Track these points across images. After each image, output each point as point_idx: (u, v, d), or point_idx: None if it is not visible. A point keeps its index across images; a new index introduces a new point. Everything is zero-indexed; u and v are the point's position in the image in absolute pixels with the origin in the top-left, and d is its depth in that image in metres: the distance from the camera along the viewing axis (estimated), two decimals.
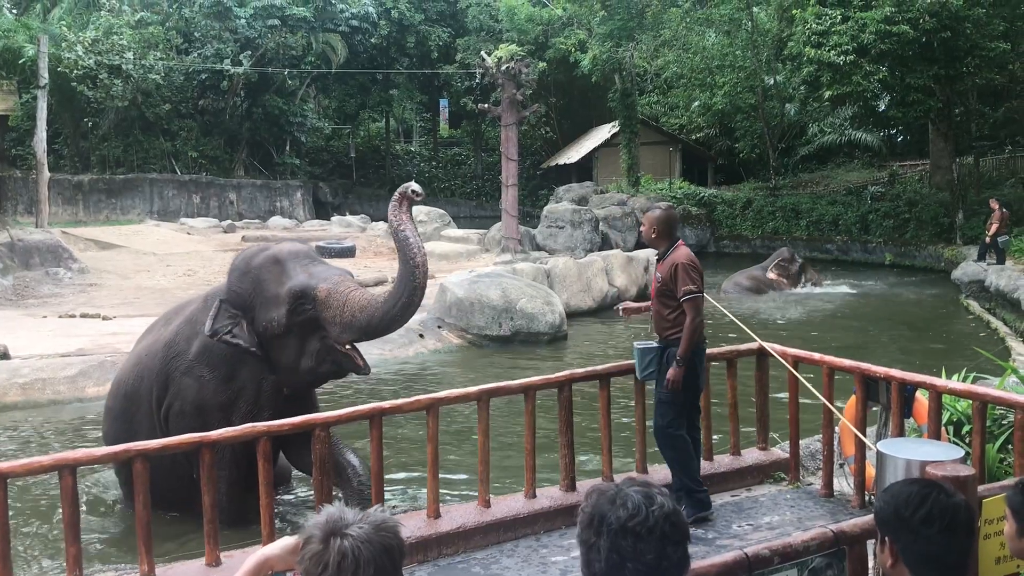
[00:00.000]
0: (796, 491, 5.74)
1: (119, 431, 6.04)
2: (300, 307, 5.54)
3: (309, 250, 6.01)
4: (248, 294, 5.65)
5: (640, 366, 5.26)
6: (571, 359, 12.21)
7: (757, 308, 16.52)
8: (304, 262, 5.77)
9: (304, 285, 5.57)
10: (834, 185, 30.37)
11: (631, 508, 1.75)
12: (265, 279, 5.66)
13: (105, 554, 5.86)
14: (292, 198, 37.75)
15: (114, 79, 31.39)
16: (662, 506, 1.77)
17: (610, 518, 1.75)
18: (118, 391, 6.29)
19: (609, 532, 1.75)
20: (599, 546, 1.76)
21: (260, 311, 5.62)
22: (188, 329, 5.86)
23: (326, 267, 5.88)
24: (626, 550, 1.73)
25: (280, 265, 5.69)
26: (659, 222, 5.27)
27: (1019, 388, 5.50)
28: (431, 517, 5.02)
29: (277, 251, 5.81)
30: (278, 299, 5.58)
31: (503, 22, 36.73)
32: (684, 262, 5.13)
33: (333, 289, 5.57)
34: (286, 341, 5.62)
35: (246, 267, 5.75)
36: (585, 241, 23.83)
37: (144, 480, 4.32)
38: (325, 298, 5.55)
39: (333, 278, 5.67)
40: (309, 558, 1.69)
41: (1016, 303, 13.59)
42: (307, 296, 5.55)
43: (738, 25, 28.41)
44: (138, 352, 6.40)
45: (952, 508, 2.12)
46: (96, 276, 19.10)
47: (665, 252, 5.25)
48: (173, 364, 5.81)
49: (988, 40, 20.66)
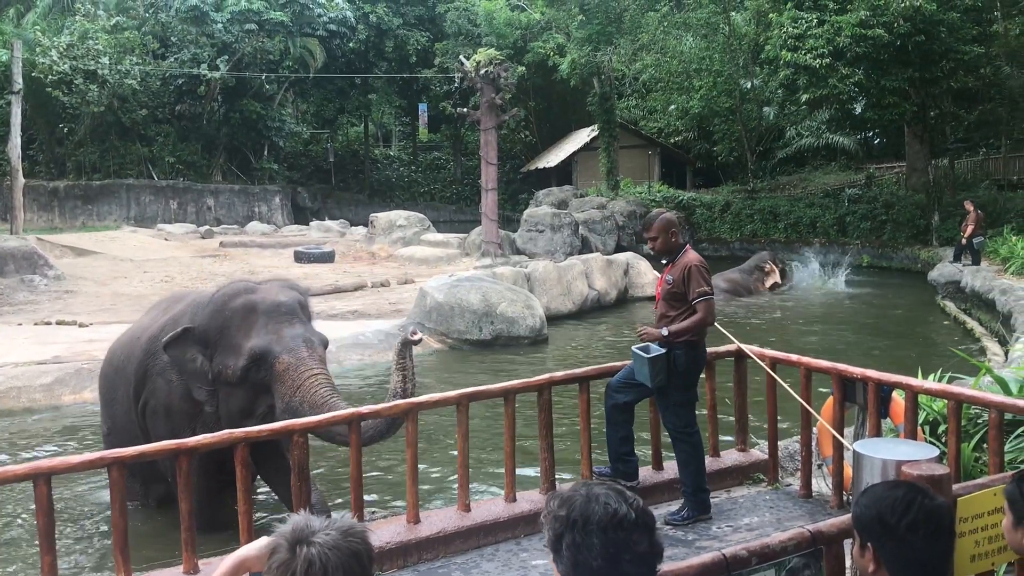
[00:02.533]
0: (775, 492, 5.76)
1: (104, 405, 6.32)
2: (255, 369, 5.37)
3: (293, 303, 5.64)
4: (215, 332, 5.50)
5: (651, 374, 5.09)
6: (551, 363, 12.21)
7: (736, 310, 16.60)
8: (280, 320, 5.48)
9: (264, 350, 5.35)
10: (812, 188, 30.63)
11: (613, 505, 1.78)
12: (235, 325, 5.48)
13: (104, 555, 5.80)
14: (270, 203, 37.59)
15: (90, 84, 31.18)
16: (633, 500, 1.82)
17: (596, 516, 1.77)
18: (111, 359, 6.38)
19: (600, 529, 1.76)
20: (591, 544, 1.77)
21: (220, 354, 5.47)
22: (171, 327, 5.75)
23: (302, 330, 5.54)
24: (621, 543, 1.75)
25: (254, 316, 5.48)
26: (673, 226, 5.32)
27: (994, 388, 5.56)
28: (411, 522, 4.99)
29: (258, 300, 5.55)
30: (239, 351, 5.39)
31: (481, 26, 36.80)
32: (697, 264, 5.18)
33: (293, 366, 5.31)
34: (236, 392, 5.46)
35: (222, 306, 5.57)
36: (565, 245, 23.87)
37: (120, 488, 4.28)
38: (282, 372, 5.32)
39: (299, 351, 5.37)
40: (276, 567, 1.68)
41: (991, 304, 13.73)
42: (265, 362, 5.35)
43: (715, 29, 28.60)
44: (133, 331, 6.38)
45: (936, 512, 2.11)
46: (72, 283, 18.92)
47: (676, 256, 5.28)
48: (151, 361, 5.78)
49: (962, 44, 20.91)
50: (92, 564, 5.81)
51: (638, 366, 5.16)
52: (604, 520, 1.77)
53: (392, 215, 26.85)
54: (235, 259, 23.59)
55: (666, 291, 5.25)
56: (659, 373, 5.08)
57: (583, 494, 1.82)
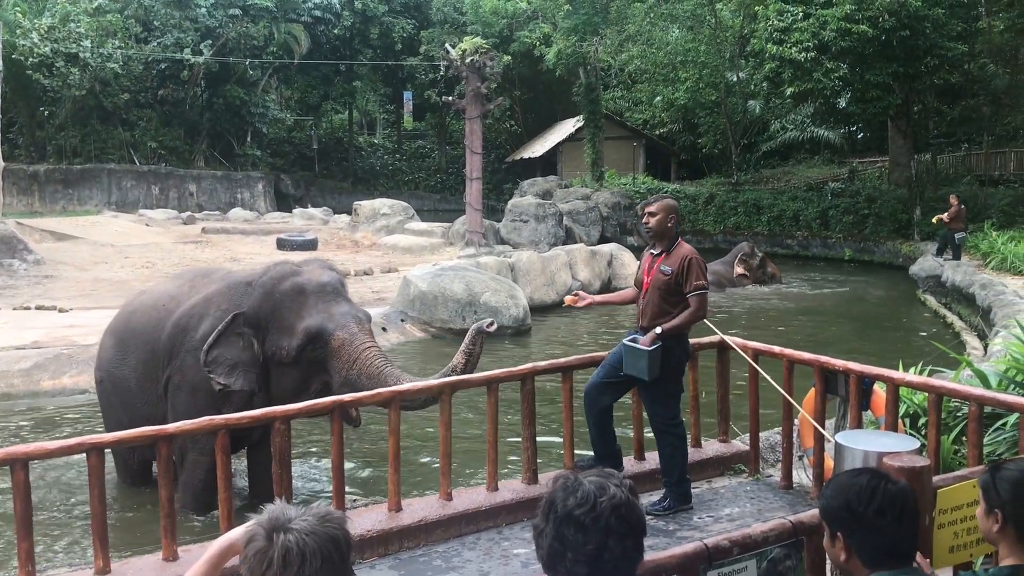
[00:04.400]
0: (756, 483, 5.79)
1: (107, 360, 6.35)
2: (311, 347, 5.58)
3: (336, 282, 5.92)
4: (266, 315, 5.69)
5: (649, 368, 5.04)
6: (535, 352, 12.21)
7: (718, 302, 16.65)
8: (328, 299, 5.73)
9: (320, 328, 5.58)
10: (795, 181, 30.74)
11: (580, 497, 1.76)
12: (286, 307, 5.68)
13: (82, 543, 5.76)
14: (253, 190, 37.36)
15: (71, 67, 30.84)
16: (613, 497, 1.77)
17: (558, 505, 1.76)
18: (129, 321, 6.37)
19: (555, 519, 1.75)
20: (545, 532, 1.76)
21: (272, 335, 5.66)
22: (202, 308, 5.89)
23: (348, 307, 5.81)
24: (567, 539, 1.73)
25: (303, 297, 5.70)
26: (674, 211, 5.27)
27: (973, 381, 5.59)
28: (392, 510, 4.99)
29: (305, 281, 5.77)
30: (293, 331, 5.61)
31: (468, 15, 36.67)
32: (697, 258, 5.15)
33: (348, 341, 5.57)
34: (289, 371, 5.66)
35: (271, 289, 5.75)
36: (549, 235, 23.87)
37: (99, 474, 4.25)
38: (338, 348, 5.56)
39: (351, 327, 5.63)
40: (253, 555, 1.67)
41: (971, 298, 13.83)
42: (321, 340, 5.57)
43: (701, 21, 28.62)
44: (156, 298, 6.39)
45: (900, 495, 2.16)
46: (52, 268, 18.76)
47: (671, 246, 5.21)
48: (180, 338, 5.86)
49: (946, 40, 21.02)
50: (67, 548, 5.77)
51: (631, 360, 5.10)
52: (561, 512, 1.75)
53: (376, 203, 26.76)
54: (217, 246, 23.45)
55: (661, 282, 5.13)
56: (655, 366, 5.07)
57: (568, 481, 1.81)
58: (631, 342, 5.13)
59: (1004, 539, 2.36)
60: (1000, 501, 2.36)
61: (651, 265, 5.26)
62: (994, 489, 2.38)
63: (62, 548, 5.80)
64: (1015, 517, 2.33)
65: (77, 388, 9.93)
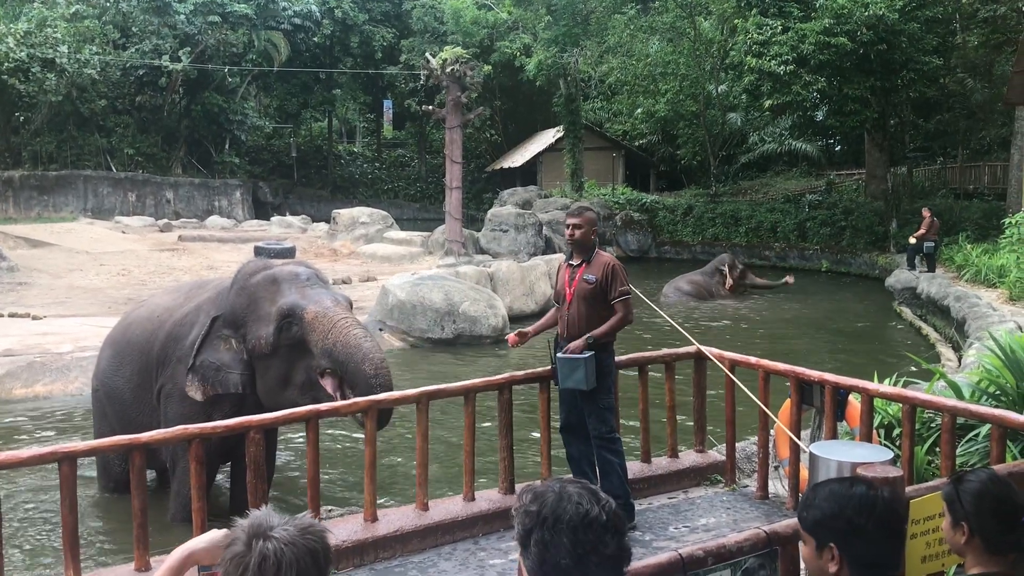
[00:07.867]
0: (732, 493, 5.80)
1: (103, 370, 6.40)
2: (287, 325, 5.54)
3: (311, 273, 5.94)
4: (242, 311, 5.71)
5: (586, 376, 5.03)
6: (513, 362, 12.19)
7: (696, 313, 16.72)
8: (302, 284, 5.75)
9: (292, 304, 5.57)
10: (773, 193, 30.96)
11: (586, 504, 1.77)
12: (260, 296, 5.71)
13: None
14: (231, 197, 37.13)
15: (47, 73, 30.57)
16: (607, 502, 1.80)
17: (567, 515, 1.76)
18: (126, 331, 6.41)
19: (570, 528, 1.75)
20: (560, 543, 1.76)
21: (251, 327, 5.66)
22: (192, 316, 5.93)
23: (324, 291, 5.82)
24: (589, 543, 1.74)
25: (276, 285, 5.72)
26: (596, 223, 5.35)
27: (947, 392, 5.64)
28: (368, 520, 4.96)
29: (277, 271, 5.83)
30: (268, 317, 5.61)
31: (448, 24, 36.69)
32: (617, 264, 5.23)
33: (322, 313, 5.54)
34: (272, 363, 5.63)
35: (244, 283, 5.80)
36: (529, 245, 23.88)
37: (70, 484, 4.20)
38: (311, 320, 5.51)
39: (324, 302, 5.64)
40: (230, 559, 1.66)
41: (946, 310, 13.96)
42: (294, 315, 5.54)
43: (681, 33, 28.81)
44: (154, 309, 6.41)
45: (895, 506, 2.15)
46: (26, 275, 18.57)
47: (590, 254, 5.26)
48: (172, 347, 5.89)
49: (922, 54, 21.29)
50: (33, 554, 5.69)
51: (568, 371, 5.07)
52: (575, 519, 1.76)
53: (355, 212, 26.67)
54: (194, 253, 23.29)
55: (587, 291, 5.16)
56: (592, 374, 5.07)
57: (555, 491, 1.81)
58: (563, 353, 5.12)
59: (971, 550, 2.37)
60: (964, 513, 2.37)
61: (572, 276, 5.28)
62: (958, 501, 2.39)
63: (29, 556, 5.72)
64: (980, 528, 2.34)
65: (50, 396, 9.82)
